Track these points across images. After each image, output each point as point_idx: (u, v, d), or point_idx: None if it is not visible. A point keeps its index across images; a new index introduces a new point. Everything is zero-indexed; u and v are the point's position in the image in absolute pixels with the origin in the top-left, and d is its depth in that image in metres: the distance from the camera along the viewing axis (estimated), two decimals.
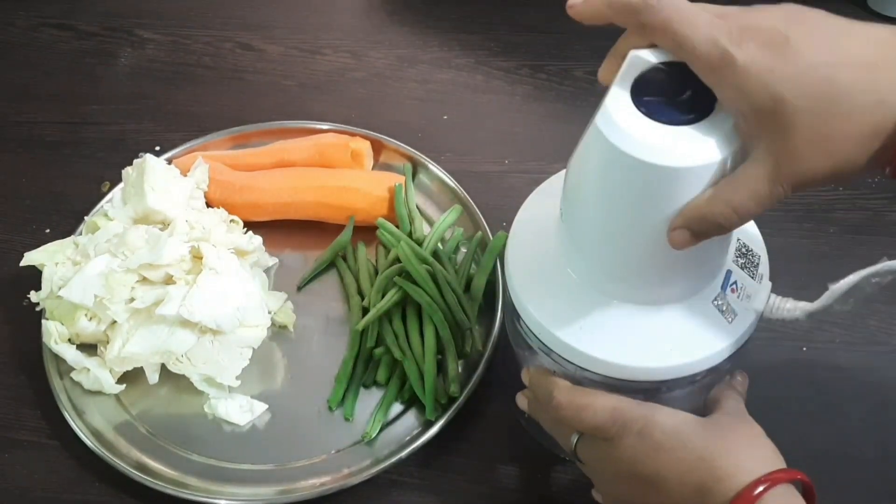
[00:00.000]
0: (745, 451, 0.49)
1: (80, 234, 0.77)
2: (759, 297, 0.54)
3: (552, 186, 0.58)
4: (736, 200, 0.44)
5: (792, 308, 0.54)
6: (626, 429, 0.51)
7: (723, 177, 0.46)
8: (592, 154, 0.47)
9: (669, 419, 0.51)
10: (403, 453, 0.66)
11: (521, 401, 0.60)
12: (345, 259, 0.78)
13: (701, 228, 0.45)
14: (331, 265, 0.78)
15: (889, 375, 0.71)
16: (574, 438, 0.55)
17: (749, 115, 0.42)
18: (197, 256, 0.71)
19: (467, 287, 0.74)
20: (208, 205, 0.79)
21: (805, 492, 0.49)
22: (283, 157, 0.82)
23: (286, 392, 0.72)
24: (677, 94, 0.46)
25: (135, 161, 0.78)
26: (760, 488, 0.46)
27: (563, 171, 0.53)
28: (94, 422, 0.69)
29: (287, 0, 1.01)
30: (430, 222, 0.79)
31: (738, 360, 0.56)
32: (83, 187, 0.84)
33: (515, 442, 0.68)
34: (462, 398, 0.67)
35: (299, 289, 0.77)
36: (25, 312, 0.75)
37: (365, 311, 0.73)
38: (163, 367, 0.70)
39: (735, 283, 0.54)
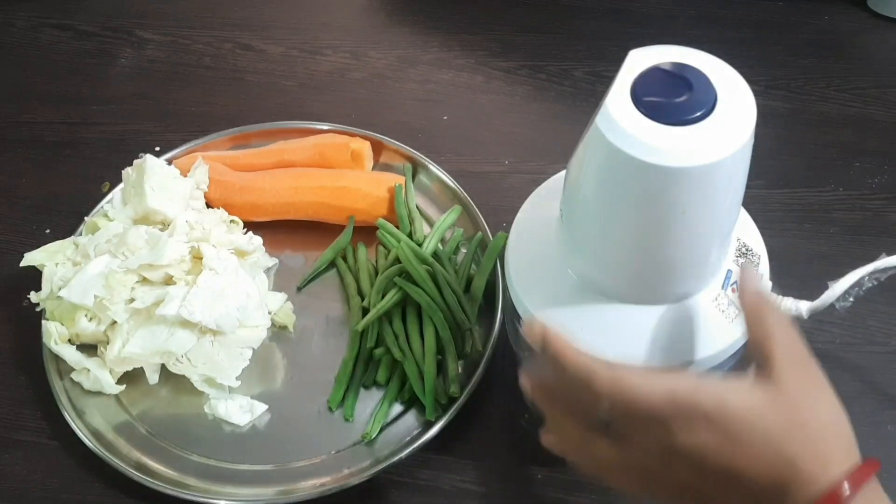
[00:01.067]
0: (827, 440, 0.44)
1: (80, 234, 0.77)
2: None
3: (552, 186, 0.58)
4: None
5: (792, 307, 0.54)
6: (691, 416, 0.44)
7: (725, 177, 0.46)
8: (592, 154, 0.47)
9: (742, 402, 0.44)
10: (403, 453, 0.66)
11: (525, 380, 0.52)
12: (345, 259, 0.78)
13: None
14: (331, 265, 0.78)
15: (889, 375, 0.71)
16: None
17: None
18: (197, 257, 0.71)
19: (467, 287, 0.74)
20: (208, 205, 0.79)
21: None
22: (283, 158, 0.82)
23: (286, 392, 0.72)
24: (677, 94, 0.46)
25: (135, 161, 0.78)
26: (846, 489, 0.42)
27: (563, 172, 0.53)
28: (94, 422, 0.69)
29: (287, 0, 1.01)
30: (430, 223, 0.79)
31: (738, 359, 0.56)
32: (83, 187, 0.83)
33: (515, 442, 0.68)
34: (462, 398, 0.67)
35: (299, 289, 0.77)
36: (25, 313, 0.75)
37: (365, 311, 0.73)
38: (163, 367, 0.70)
39: (735, 282, 0.54)
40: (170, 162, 0.81)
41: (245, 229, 0.78)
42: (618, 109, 0.46)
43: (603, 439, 0.47)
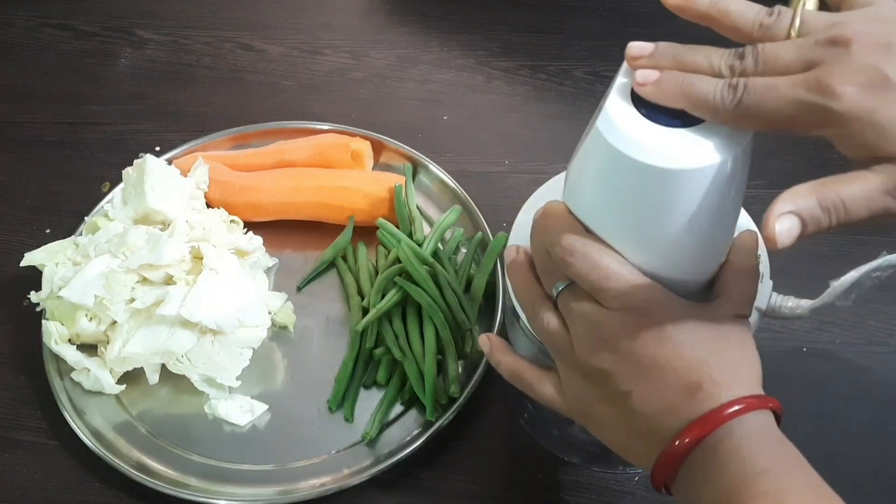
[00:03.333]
0: (743, 367, 0.48)
1: (81, 234, 0.77)
2: (761, 295, 0.54)
3: (552, 187, 0.58)
4: (847, 193, 0.43)
5: (794, 306, 0.54)
6: (635, 308, 0.48)
7: (725, 178, 0.46)
8: (593, 156, 0.47)
9: (684, 309, 0.48)
10: (403, 453, 0.66)
11: (511, 251, 0.54)
12: (345, 259, 0.78)
13: (813, 215, 0.43)
14: (331, 265, 0.78)
15: (889, 376, 0.71)
16: (559, 287, 0.51)
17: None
18: (197, 257, 0.71)
19: (467, 288, 0.74)
20: (208, 205, 0.79)
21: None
22: (284, 158, 0.82)
23: (286, 392, 0.72)
24: None
25: (135, 161, 0.78)
26: (737, 407, 0.46)
27: (564, 172, 0.53)
28: (94, 422, 0.69)
29: (287, 0, 1.01)
30: (431, 223, 0.79)
31: None
32: (83, 187, 0.84)
33: (515, 442, 0.69)
34: (462, 398, 0.67)
35: (299, 289, 0.77)
36: (25, 312, 0.75)
37: (365, 311, 0.73)
38: (163, 367, 0.70)
39: None
40: (170, 162, 0.81)
41: (245, 229, 0.78)
42: (618, 111, 0.46)
43: (552, 309, 0.51)
